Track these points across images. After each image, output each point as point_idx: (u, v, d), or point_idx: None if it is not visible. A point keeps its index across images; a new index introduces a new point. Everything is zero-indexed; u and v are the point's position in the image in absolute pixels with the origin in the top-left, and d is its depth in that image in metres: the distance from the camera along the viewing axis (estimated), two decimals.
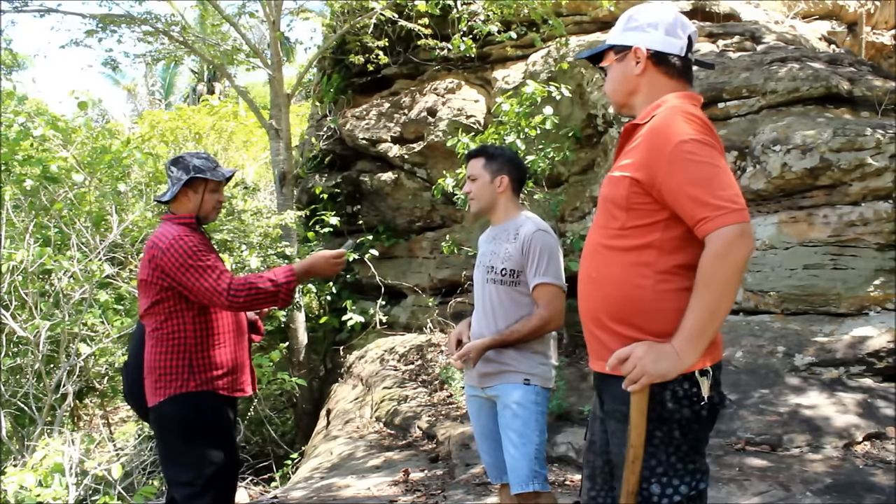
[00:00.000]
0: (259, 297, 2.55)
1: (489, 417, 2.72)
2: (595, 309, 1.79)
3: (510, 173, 2.73)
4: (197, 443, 2.59)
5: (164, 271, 2.54)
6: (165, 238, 2.58)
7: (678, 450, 1.69)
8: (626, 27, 1.86)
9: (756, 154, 5.03)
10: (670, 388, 1.66)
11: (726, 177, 1.61)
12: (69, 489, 4.24)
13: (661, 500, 1.67)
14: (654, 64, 1.82)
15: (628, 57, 1.84)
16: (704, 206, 1.58)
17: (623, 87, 1.87)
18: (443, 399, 6.34)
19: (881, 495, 3.24)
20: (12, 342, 5.47)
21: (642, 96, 1.85)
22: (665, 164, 1.64)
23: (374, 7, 7.66)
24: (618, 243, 1.74)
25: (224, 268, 2.58)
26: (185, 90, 23.67)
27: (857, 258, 4.68)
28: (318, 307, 9.10)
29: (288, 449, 7.69)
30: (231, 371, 2.70)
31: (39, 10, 8.04)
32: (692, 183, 1.60)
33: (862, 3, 8.76)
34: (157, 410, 2.60)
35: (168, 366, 2.58)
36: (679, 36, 1.83)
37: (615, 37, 1.88)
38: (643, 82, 1.84)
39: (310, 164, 9.38)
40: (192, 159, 2.73)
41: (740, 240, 1.56)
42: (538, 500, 2.56)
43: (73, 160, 5.87)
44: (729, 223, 1.56)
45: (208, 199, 2.76)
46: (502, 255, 2.66)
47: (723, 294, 1.57)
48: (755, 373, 4.53)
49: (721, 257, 1.56)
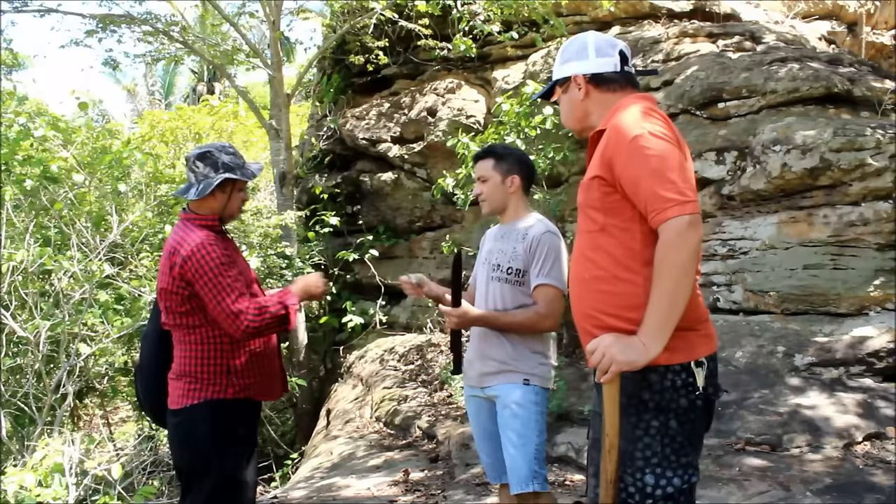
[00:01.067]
0: (272, 325, 2.47)
1: (488, 417, 2.72)
2: (590, 307, 1.83)
3: (521, 173, 2.73)
4: (227, 451, 2.50)
5: (185, 280, 2.42)
6: (188, 245, 2.43)
7: (673, 441, 1.72)
8: (562, 61, 2.01)
9: (756, 154, 5.03)
10: (669, 378, 1.71)
11: (679, 170, 1.68)
12: (69, 489, 4.24)
13: (654, 492, 1.71)
14: (594, 86, 1.95)
15: (571, 87, 1.98)
16: (656, 198, 1.66)
17: (574, 114, 2.00)
18: (443, 399, 6.34)
19: (881, 495, 3.24)
20: (12, 342, 5.47)
21: (595, 116, 1.96)
22: (623, 157, 1.73)
23: (374, 7, 7.66)
24: (603, 242, 1.81)
25: (243, 288, 2.45)
26: (185, 90, 23.67)
27: (857, 258, 4.68)
28: (318, 307, 9.10)
29: (288, 449, 7.69)
30: (267, 376, 2.63)
31: (39, 10, 8.04)
32: (646, 175, 1.68)
33: (862, 3, 8.76)
34: (189, 413, 2.49)
35: (204, 370, 2.48)
36: (609, 54, 1.96)
37: (555, 73, 2.03)
38: (590, 104, 1.97)
39: (310, 164, 9.37)
40: (221, 155, 2.55)
41: (690, 228, 1.63)
42: (538, 500, 2.55)
43: (74, 160, 5.87)
44: (678, 214, 1.63)
45: (235, 198, 2.61)
46: (510, 253, 2.66)
47: (679, 281, 1.63)
48: (755, 373, 4.53)
49: (673, 246, 1.63)
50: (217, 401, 2.49)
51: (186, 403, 2.49)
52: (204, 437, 2.48)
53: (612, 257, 1.78)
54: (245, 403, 2.55)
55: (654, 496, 1.70)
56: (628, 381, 1.73)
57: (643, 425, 1.72)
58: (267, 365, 2.63)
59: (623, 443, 1.73)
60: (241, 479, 2.54)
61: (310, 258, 8.20)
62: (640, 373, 1.71)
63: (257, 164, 2.69)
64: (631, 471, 1.73)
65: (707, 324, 1.84)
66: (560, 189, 6.89)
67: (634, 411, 1.74)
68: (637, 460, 1.72)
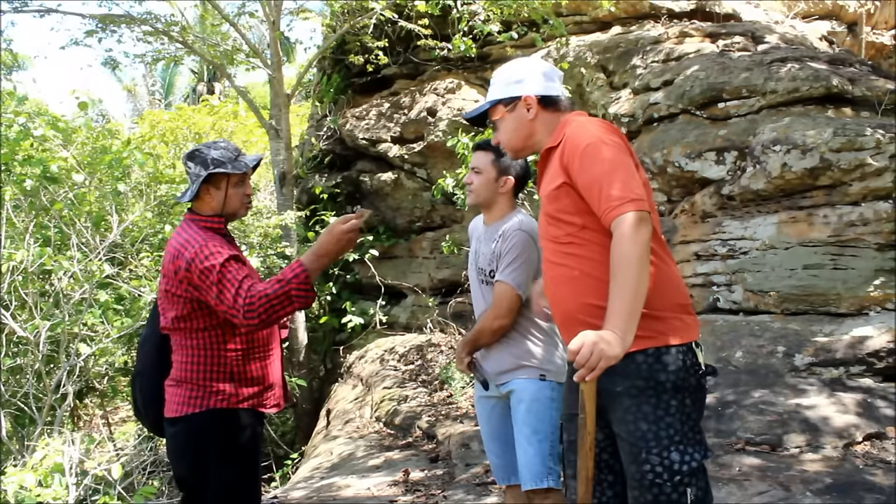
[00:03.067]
0: (274, 306, 2.22)
1: (500, 418, 2.69)
2: (588, 298, 1.89)
3: (516, 175, 2.70)
4: (229, 463, 2.38)
5: (191, 283, 2.31)
6: (191, 247, 2.31)
7: (689, 418, 1.84)
8: (507, 82, 2.08)
9: (756, 154, 5.03)
10: (680, 358, 1.82)
11: (629, 173, 1.81)
12: (69, 489, 4.24)
13: (682, 468, 1.80)
14: (543, 107, 2.04)
15: (518, 106, 2.05)
16: (609, 197, 1.77)
17: (520, 134, 2.07)
18: (443, 399, 6.35)
19: (881, 495, 3.24)
20: (12, 342, 5.47)
21: (539, 136, 2.06)
22: (577, 163, 1.86)
23: (374, 7, 7.66)
24: (587, 239, 1.90)
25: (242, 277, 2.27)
26: (185, 90, 23.66)
27: (857, 258, 4.68)
28: (318, 307, 9.10)
29: (288, 449, 7.69)
30: (272, 385, 2.52)
31: (39, 10, 8.04)
32: (598, 178, 1.81)
33: (862, 3, 8.76)
34: (190, 422, 2.37)
35: (207, 377, 2.37)
36: (554, 80, 2.09)
37: (499, 92, 2.09)
38: (537, 124, 2.05)
39: (310, 164, 9.37)
40: (210, 151, 2.42)
41: (641, 224, 1.73)
42: (549, 497, 2.52)
43: (74, 160, 5.87)
44: (629, 210, 1.74)
45: (233, 194, 2.45)
46: (489, 255, 2.65)
47: (639, 271, 1.72)
48: (755, 373, 4.53)
49: (629, 240, 1.72)
50: (221, 410, 2.37)
51: (187, 412, 2.36)
52: (206, 448, 2.37)
53: (597, 251, 1.86)
54: (250, 413, 2.44)
55: (682, 472, 1.79)
56: (642, 366, 1.82)
57: (663, 405, 1.81)
58: (272, 374, 2.52)
59: (644, 425, 1.81)
60: (244, 491, 2.44)
61: None
62: (654, 356, 1.81)
63: (253, 156, 2.54)
64: (657, 450, 1.80)
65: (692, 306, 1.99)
66: None
67: (653, 393, 1.82)
68: (662, 440, 1.80)
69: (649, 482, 1.79)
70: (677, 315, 1.87)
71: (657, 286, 1.83)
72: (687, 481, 1.78)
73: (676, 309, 1.88)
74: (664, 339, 1.82)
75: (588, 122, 1.96)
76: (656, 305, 1.82)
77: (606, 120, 2.00)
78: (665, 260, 1.92)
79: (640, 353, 1.81)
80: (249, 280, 2.28)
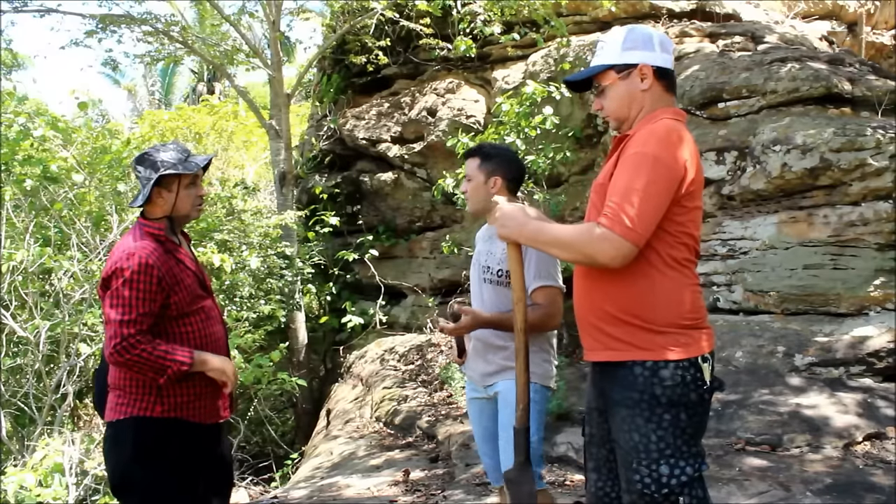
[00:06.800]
0: (142, 366, 2.23)
1: (490, 419, 2.71)
2: (602, 303, 1.88)
3: (504, 174, 2.68)
4: (152, 469, 2.30)
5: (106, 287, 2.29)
6: (118, 252, 2.29)
7: (684, 432, 1.81)
8: (624, 48, 1.92)
9: (756, 154, 5.03)
10: (679, 374, 1.79)
11: (651, 203, 1.74)
12: (69, 489, 4.24)
13: (669, 481, 1.78)
14: (657, 79, 1.91)
15: (633, 74, 1.91)
16: (616, 208, 1.74)
17: (628, 103, 1.93)
18: (443, 399, 6.35)
19: (881, 495, 3.24)
20: (12, 342, 5.47)
21: (643, 112, 1.93)
22: (620, 165, 1.82)
23: (375, 7, 7.66)
24: None
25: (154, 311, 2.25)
26: (185, 90, 23.66)
27: (857, 258, 4.68)
28: (318, 307, 9.10)
29: (288, 449, 7.69)
30: (204, 396, 2.40)
31: (39, 10, 8.04)
32: (622, 188, 1.76)
33: (862, 3, 8.76)
34: (116, 428, 2.34)
35: (131, 385, 2.31)
36: (670, 52, 1.95)
37: (613, 56, 1.93)
38: (647, 97, 1.92)
39: (310, 164, 9.38)
40: (159, 154, 2.37)
41: (610, 249, 1.73)
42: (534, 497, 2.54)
43: (73, 160, 5.86)
44: (616, 233, 1.72)
45: (184, 196, 2.39)
46: (498, 255, 2.64)
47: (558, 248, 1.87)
48: (755, 373, 4.53)
49: (589, 240, 1.76)
50: (142, 418, 2.30)
51: (114, 418, 2.34)
52: (128, 455, 2.32)
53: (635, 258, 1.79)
54: (175, 423, 2.34)
55: (670, 485, 1.78)
56: (639, 379, 1.80)
57: (656, 419, 1.80)
58: (204, 385, 2.39)
59: (636, 436, 1.81)
60: (172, 499, 2.35)
61: (310, 258, 8.20)
62: (651, 370, 1.80)
63: (204, 156, 2.48)
64: (647, 462, 1.80)
65: (706, 321, 1.92)
66: (560, 189, 6.90)
67: (647, 406, 1.80)
68: (652, 452, 1.79)
69: (638, 492, 1.80)
70: (683, 331, 1.82)
71: (660, 302, 1.81)
72: (678, 491, 1.78)
73: (681, 325, 1.82)
74: (662, 354, 1.80)
75: (667, 131, 1.81)
76: (657, 321, 1.81)
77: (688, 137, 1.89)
78: (674, 279, 1.84)
79: (639, 366, 1.81)
80: (149, 318, 2.25)
